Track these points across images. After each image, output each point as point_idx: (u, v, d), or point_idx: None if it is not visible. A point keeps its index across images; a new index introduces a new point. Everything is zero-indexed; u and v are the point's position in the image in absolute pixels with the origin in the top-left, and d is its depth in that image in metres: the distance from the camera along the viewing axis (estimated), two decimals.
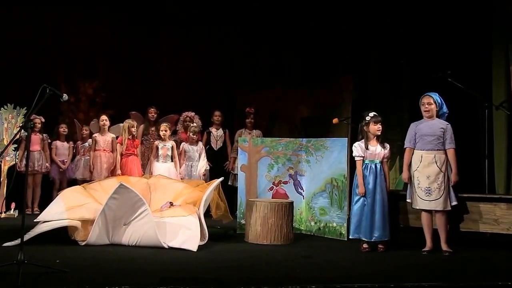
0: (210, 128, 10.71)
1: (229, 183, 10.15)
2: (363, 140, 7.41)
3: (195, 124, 10.26)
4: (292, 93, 12.11)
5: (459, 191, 7.07)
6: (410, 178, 7.19)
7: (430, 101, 7.13)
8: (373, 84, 11.42)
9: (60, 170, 10.76)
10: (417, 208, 7.14)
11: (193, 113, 10.68)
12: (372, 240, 7.17)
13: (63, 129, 10.91)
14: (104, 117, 10.41)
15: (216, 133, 10.66)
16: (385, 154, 7.36)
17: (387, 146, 7.42)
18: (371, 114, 7.39)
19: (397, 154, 8.74)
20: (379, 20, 11.03)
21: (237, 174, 8.94)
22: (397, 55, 10.97)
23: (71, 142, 10.96)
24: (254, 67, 12.21)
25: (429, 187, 7.00)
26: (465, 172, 7.21)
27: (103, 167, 10.12)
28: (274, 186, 8.73)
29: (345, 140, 8.37)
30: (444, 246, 6.96)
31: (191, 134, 9.97)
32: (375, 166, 7.29)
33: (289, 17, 11.70)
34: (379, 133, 7.34)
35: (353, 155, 7.45)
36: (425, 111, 7.18)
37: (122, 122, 10.07)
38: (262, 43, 11.99)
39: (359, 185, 7.30)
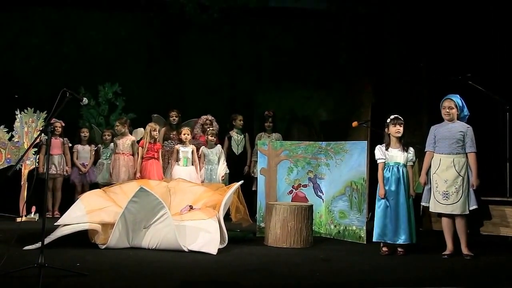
0: (230, 133, 10.71)
1: (253, 189, 10.07)
2: (384, 143, 7.41)
3: (212, 127, 10.28)
4: (311, 96, 12.08)
5: (481, 195, 7.00)
6: (428, 181, 7.16)
7: (451, 105, 7.06)
8: (392, 87, 11.37)
9: (80, 173, 10.77)
10: (435, 211, 7.10)
11: (211, 116, 10.70)
12: (398, 243, 7.13)
13: (84, 133, 10.94)
14: (117, 122, 10.52)
15: (238, 137, 10.66)
16: (408, 158, 7.33)
17: (411, 150, 7.39)
18: (392, 116, 7.37)
19: (416, 157, 8.69)
20: (398, 23, 10.98)
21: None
22: (416, 57, 10.92)
23: (92, 146, 10.98)
24: (273, 70, 12.21)
25: (446, 191, 6.94)
26: (486, 175, 7.16)
27: (121, 170, 10.14)
28: (294, 190, 8.72)
29: (364, 143, 8.36)
30: (464, 250, 6.90)
31: (209, 136, 9.99)
32: (397, 169, 7.25)
33: (308, 20, 11.68)
34: (399, 135, 7.30)
35: (375, 158, 7.44)
36: (445, 114, 7.11)
37: (142, 126, 10.13)
38: (281, 46, 11.99)
39: (380, 188, 7.28)
